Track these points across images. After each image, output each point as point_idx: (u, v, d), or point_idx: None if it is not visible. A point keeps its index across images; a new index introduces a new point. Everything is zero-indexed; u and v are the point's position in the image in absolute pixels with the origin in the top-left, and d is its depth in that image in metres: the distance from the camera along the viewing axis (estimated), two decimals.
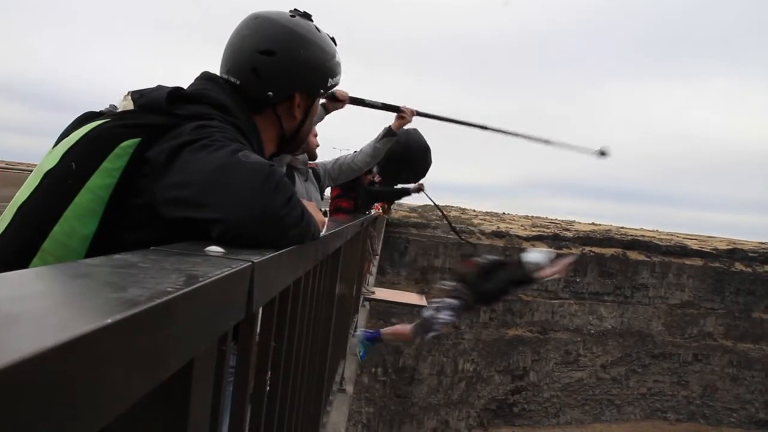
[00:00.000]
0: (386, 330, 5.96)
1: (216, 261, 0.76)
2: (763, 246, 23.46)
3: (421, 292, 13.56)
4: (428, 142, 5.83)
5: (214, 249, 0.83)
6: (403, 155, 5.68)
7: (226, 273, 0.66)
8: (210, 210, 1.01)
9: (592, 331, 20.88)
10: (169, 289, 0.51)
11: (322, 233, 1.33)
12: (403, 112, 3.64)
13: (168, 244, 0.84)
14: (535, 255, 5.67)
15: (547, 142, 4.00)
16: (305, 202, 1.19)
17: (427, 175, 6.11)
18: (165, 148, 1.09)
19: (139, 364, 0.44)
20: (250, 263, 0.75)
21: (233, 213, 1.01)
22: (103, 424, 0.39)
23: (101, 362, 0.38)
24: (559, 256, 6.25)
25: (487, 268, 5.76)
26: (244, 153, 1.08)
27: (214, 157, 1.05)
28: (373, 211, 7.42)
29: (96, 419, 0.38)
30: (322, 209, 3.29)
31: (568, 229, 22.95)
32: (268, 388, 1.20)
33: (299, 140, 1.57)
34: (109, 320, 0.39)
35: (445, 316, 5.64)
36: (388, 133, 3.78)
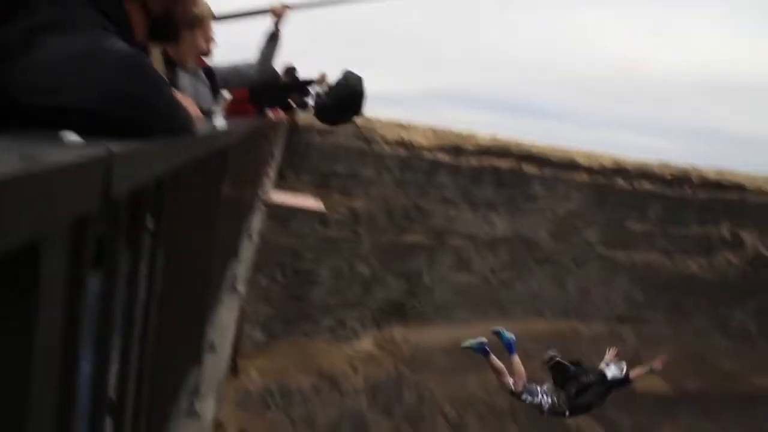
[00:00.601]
0: (516, 358, 6.82)
1: (70, 148, 0.72)
2: (642, 164, 25.29)
3: (320, 197, 13.60)
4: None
5: (71, 136, 0.78)
6: (349, 93, 5.21)
7: (78, 160, 0.63)
8: (73, 97, 0.95)
9: (484, 238, 22.07)
10: (4, 171, 0.48)
11: (203, 130, 1.29)
12: (273, 11, 3.62)
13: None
14: (615, 370, 6.84)
15: None
16: (179, 95, 1.14)
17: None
18: (20, 28, 0.99)
19: None
20: (107, 151, 0.71)
21: (98, 101, 0.95)
22: None
23: None
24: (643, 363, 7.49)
25: (581, 380, 6.70)
26: (109, 39, 1.01)
27: (77, 41, 0.97)
28: (273, 116, 7.19)
29: None
30: (212, 108, 3.14)
31: (468, 141, 23.52)
32: (145, 287, 1.18)
33: (172, 26, 1.46)
34: None
35: (544, 400, 6.70)
36: (272, 35, 3.77)
